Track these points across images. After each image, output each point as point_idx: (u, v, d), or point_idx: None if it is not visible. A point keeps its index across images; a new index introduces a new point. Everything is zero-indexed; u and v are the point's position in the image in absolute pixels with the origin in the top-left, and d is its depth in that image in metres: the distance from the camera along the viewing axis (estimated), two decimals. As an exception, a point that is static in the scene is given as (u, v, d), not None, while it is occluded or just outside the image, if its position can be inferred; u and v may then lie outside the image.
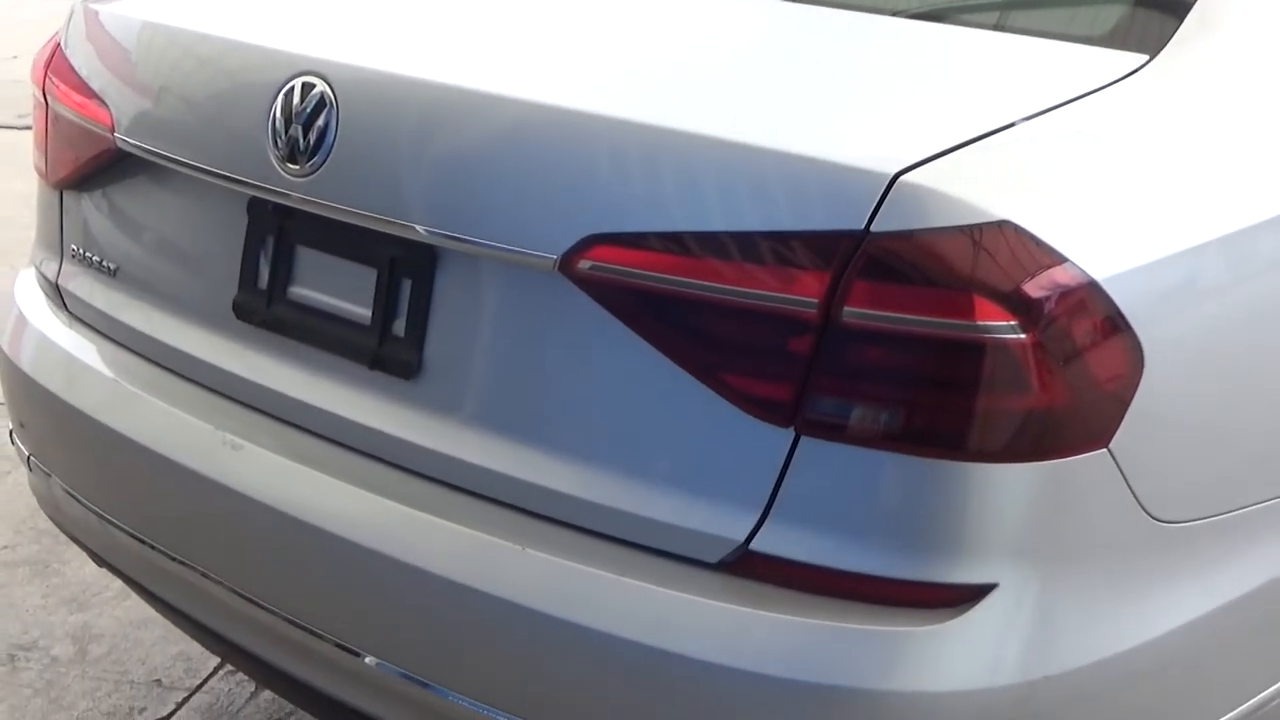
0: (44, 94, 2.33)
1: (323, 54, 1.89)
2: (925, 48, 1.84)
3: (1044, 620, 1.56)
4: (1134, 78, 1.69)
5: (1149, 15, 1.82)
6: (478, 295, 1.78)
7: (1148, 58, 1.71)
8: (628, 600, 1.63)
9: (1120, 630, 1.61)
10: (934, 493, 1.53)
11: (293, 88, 1.88)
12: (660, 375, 1.62)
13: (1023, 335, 1.50)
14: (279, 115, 1.88)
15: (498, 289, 1.77)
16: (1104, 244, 1.57)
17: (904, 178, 1.51)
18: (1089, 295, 1.54)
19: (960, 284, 1.50)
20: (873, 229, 1.51)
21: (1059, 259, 1.52)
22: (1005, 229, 1.51)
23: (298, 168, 1.86)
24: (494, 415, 1.77)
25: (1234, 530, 1.72)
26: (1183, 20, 1.74)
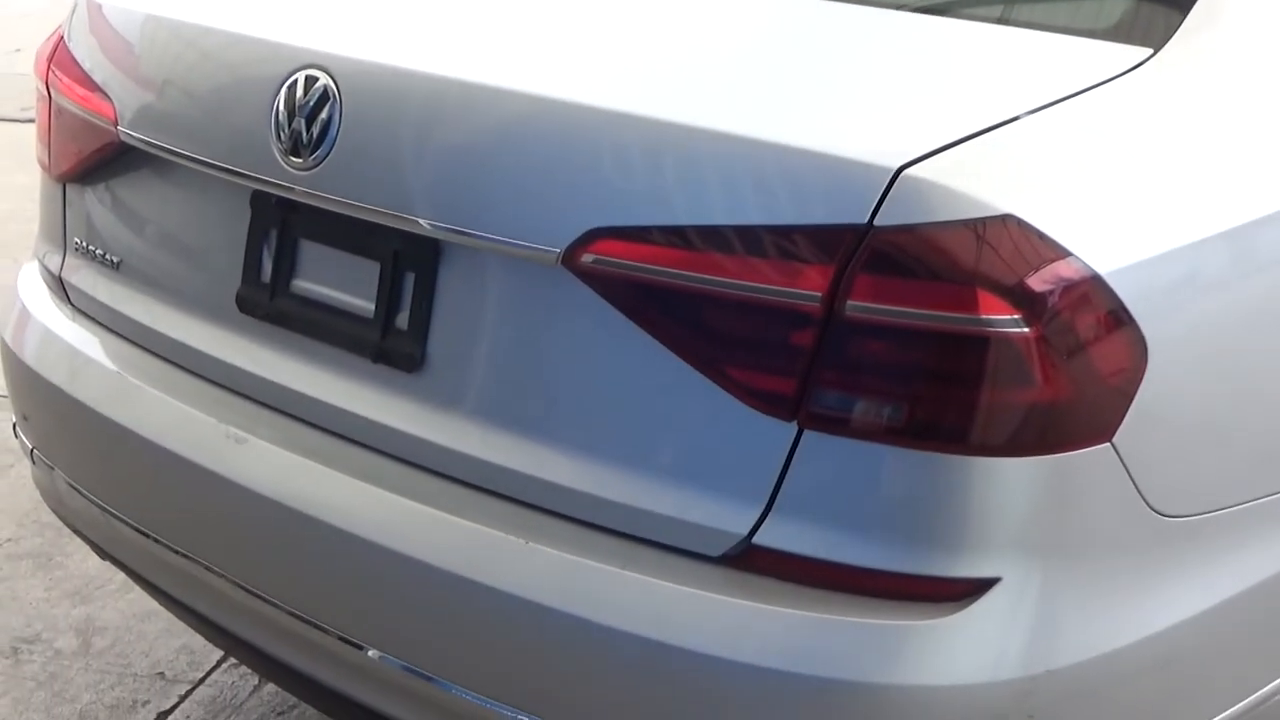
0: (47, 87, 2.32)
1: (326, 47, 1.89)
2: (929, 41, 1.84)
3: (1046, 614, 1.56)
4: (1138, 71, 1.69)
5: (1153, 9, 1.81)
6: (481, 289, 1.78)
7: (1152, 51, 1.71)
8: (631, 594, 1.63)
9: (1123, 625, 1.61)
10: (937, 487, 1.53)
11: (296, 81, 1.87)
12: (663, 369, 1.62)
13: (1026, 329, 1.50)
14: (282, 108, 1.88)
15: (501, 283, 1.77)
16: (1108, 238, 1.57)
17: (907, 172, 1.51)
18: (1092, 289, 1.53)
19: (964, 278, 1.50)
20: (876, 223, 1.51)
21: (1063, 253, 1.52)
22: (1009, 223, 1.51)
23: (301, 161, 1.86)
24: (497, 409, 1.77)
25: (1237, 525, 1.72)
26: (1187, 14, 1.74)
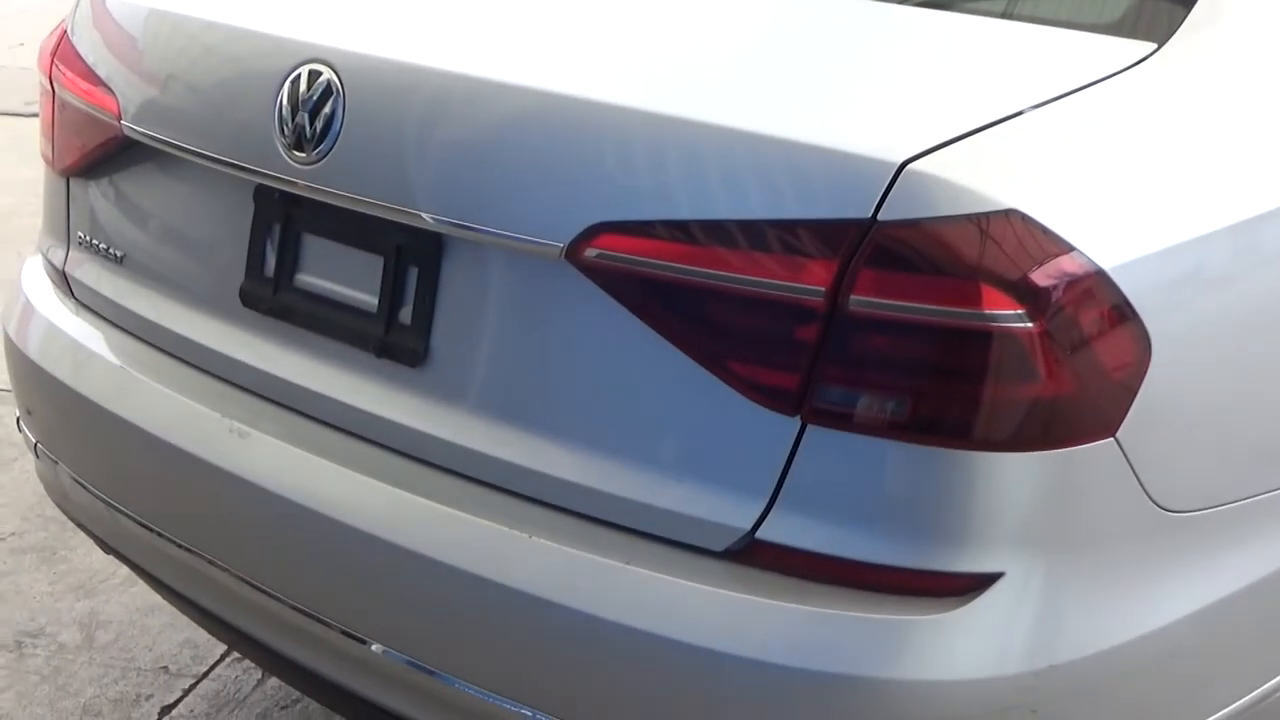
0: (51, 81, 2.33)
1: (329, 41, 1.89)
2: (933, 36, 1.84)
3: (1050, 609, 1.56)
4: (1142, 66, 1.69)
5: (1157, 3, 1.81)
6: (484, 283, 1.78)
7: (1156, 46, 1.71)
8: (633, 588, 1.63)
9: (1126, 620, 1.61)
10: (940, 481, 1.53)
11: (299, 75, 1.87)
12: (667, 364, 1.62)
13: (1030, 324, 1.50)
14: (285, 103, 1.88)
15: (504, 277, 1.77)
16: (1112, 233, 1.57)
17: (911, 166, 1.51)
18: (1096, 284, 1.53)
19: (967, 273, 1.50)
20: (880, 217, 1.51)
21: (1066, 248, 1.52)
22: (1012, 218, 1.51)
23: (304, 155, 1.86)
24: (500, 403, 1.77)
25: (1241, 520, 1.72)
26: (1191, 9, 1.74)
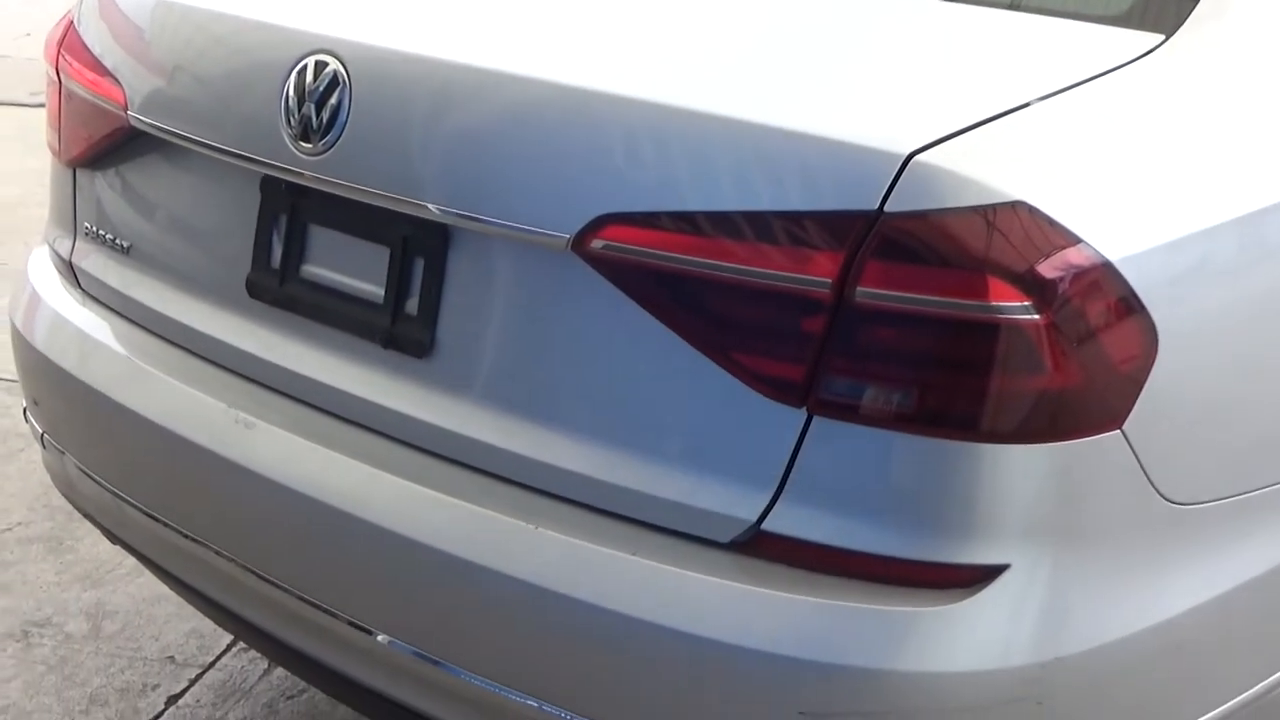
0: (57, 72, 2.33)
1: (335, 32, 1.89)
2: (940, 27, 1.83)
3: (1056, 601, 1.56)
4: (1150, 57, 1.68)
5: (1165, -5, 1.81)
6: (490, 274, 1.78)
7: (1164, 37, 1.70)
8: (639, 579, 1.63)
9: (1132, 612, 1.61)
10: (946, 473, 1.53)
11: (305, 66, 1.87)
12: (673, 355, 1.62)
13: (1036, 316, 1.50)
14: (292, 93, 1.88)
15: (510, 268, 1.77)
16: (1119, 225, 1.57)
17: (918, 158, 1.51)
18: (1103, 276, 1.53)
19: (974, 264, 1.49)
20: (886, 209, 1.51)
21: (1073, 240, 1.52)
22: (1019, 209, 1.51)
23: (310, 146, 1.86)
24: (506, 394, 1.77)
25: (1247, 512, 1.72)
26: (1199, 0, 1.73)
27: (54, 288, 2.34)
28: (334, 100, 1.84)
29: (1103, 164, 1.62)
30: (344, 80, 1.84)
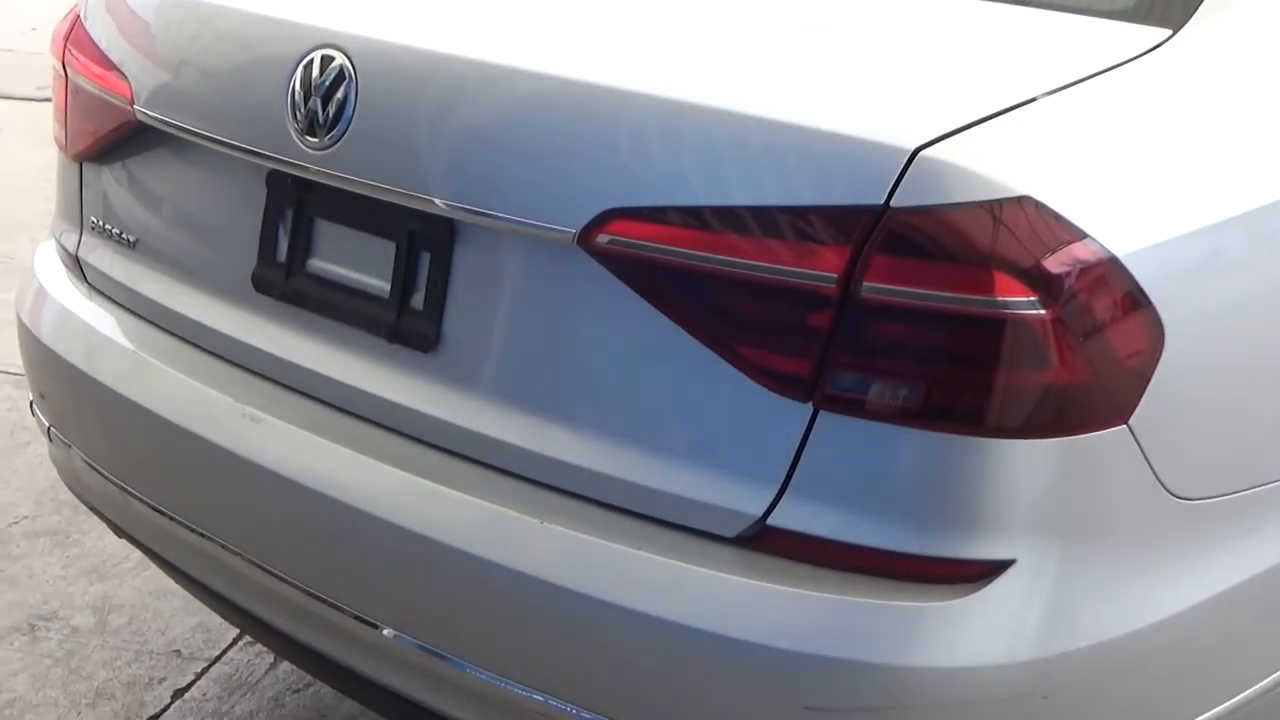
0: (63, 66, 2.33)
1: (342, 26, 1.89)
2: (947, 22, 1.83)
3: (1062, 596, 1.56)
4: (1157, 52, 1.68)
5: (1172, -11, 1.80)
6: (496, 269, 1.78)
7: (1171, 32, 1.70)
8: (645, 574, 1.63)
9: (1138, 607, 1.61)
10: (952, 468, 1.53)
11: (312, 60, 1.87)
12: (679, 350, 1.62)
13: (1043, 311, 1.49)
14: (298, 88, 1.88)
15: (516, 263, 1.77)
16: (1125, 220, 1.56)
17: (924, 153, 1.51)
18: (1109, 271, 1.53)
19: (980, 260, 1.49)
20: (893, 204, 1.51)
21: (1079, 235, 1.52)
22: (1026, 205, 1.51)
23: (317, 140, 1.86)
24: (512, 389, 1.77)
25: (1253, 507, 1.72)
26: (1206, -6, 1.73)
27: (60, 282, 2.34)
28: (340, 95, 1.84)
29: (1109, 159, 1.62)
30: (350, 75, 1.84)
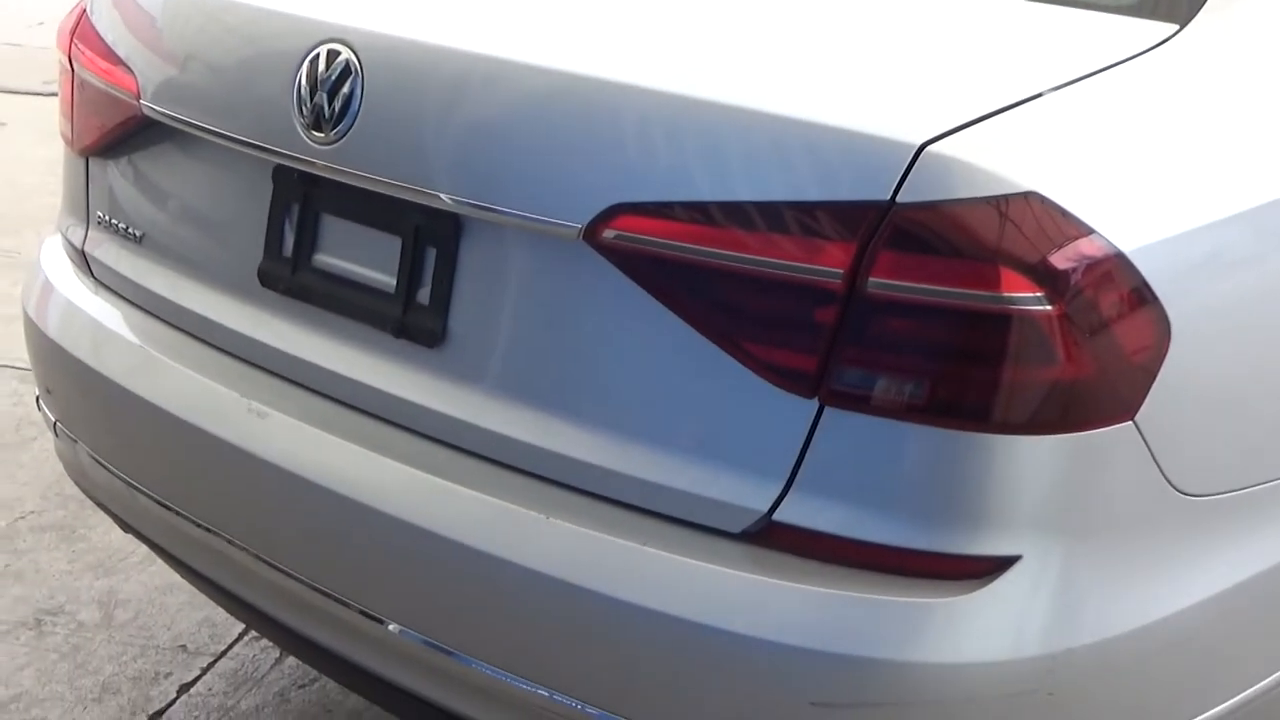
0: (70, 61, 2.33)
1: (348, 21, 1.89)
2: (953, 17, 1.83)
3: (1068, 593, 1.56)
4: (1163, 47, 1.68)
5: (1179, -16, 1.80)
6: (502, 264, 1.78)
7: (1178, 27, 1.70)
8: (650, 570, 1.63)
9: (1144, 603, 1.61)
10: (958, 464, 1.53)
11: (318, 55, 1.87)
12: (684, 345, 1.62)
13: (1049, 307, 1.49)
14: (304, 82, 1.88)
15: (522, 258, 1.77)
16: (1131, 216, 1.56)
17: (930, 148, 1.51)
18: (1116, 267, 1.53)
19: (986, 255, 1.49)
20: (899, 199, 1.51)
21: (1086, 230, 1.52)
22: (1032, 200, 1.51)
23: (323, 135, 1.86)
24: (518, 384, 1.77)
25: (1259, 504, 1.72)
26: (1213, -10, 1.73)
27: (67, 276, 2.34)
28: (346, 89, 1.84)
29: (1115, 155, 1.61)
30: (356, 69, 1.84)
